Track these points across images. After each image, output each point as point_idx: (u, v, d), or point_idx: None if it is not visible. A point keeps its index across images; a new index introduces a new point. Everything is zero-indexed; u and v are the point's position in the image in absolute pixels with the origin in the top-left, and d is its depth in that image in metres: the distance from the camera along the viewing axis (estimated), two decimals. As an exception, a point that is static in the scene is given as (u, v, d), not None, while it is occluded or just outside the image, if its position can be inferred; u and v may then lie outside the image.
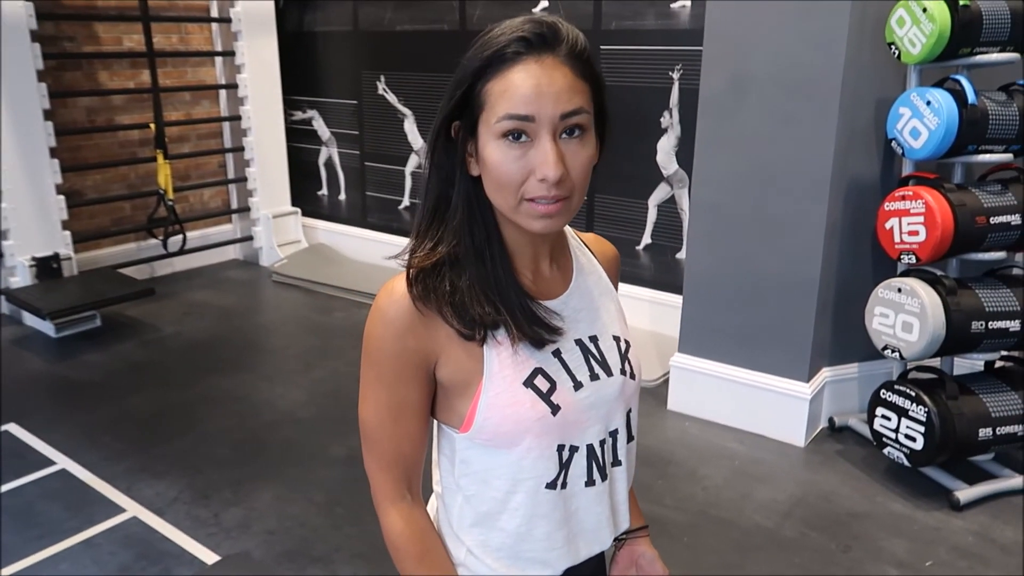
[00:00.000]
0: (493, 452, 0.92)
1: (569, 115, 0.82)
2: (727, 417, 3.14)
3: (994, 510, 2.57)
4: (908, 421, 2.59)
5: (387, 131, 4.94)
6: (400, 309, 0.87)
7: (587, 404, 0.93)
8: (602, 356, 0.96)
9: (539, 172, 0.82)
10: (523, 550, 0.95)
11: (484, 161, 0.84)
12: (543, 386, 0.90)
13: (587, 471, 0.95)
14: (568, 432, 0.92)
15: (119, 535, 2.47)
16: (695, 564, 2.32)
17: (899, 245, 2.63)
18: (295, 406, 3.33)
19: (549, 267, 0.96)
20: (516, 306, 0.89)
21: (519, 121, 0.81)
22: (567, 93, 0.82)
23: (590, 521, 0.98)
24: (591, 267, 1.02)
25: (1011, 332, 2.57)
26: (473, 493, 0.95)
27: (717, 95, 2.92)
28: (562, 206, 0.85)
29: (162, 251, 4.80)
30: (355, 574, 2.28)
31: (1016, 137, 2.57)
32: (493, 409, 0.89)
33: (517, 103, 0.81)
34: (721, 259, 3.05)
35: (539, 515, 0.94)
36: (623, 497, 1.02)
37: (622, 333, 1.01)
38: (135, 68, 4.75)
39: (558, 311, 0.93)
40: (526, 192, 0.83)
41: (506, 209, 0.86)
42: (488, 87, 0.82)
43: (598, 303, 0.99)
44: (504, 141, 0.82)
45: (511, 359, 0.89)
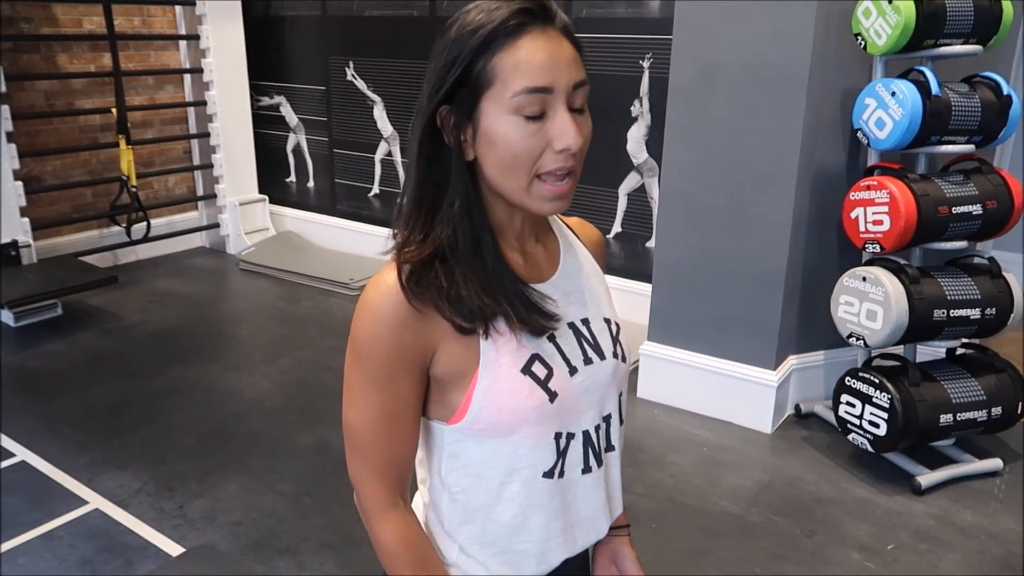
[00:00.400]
0: (487, 443, 0.89)
1: (579, 85, 0.81)
2: (696, 404, 3.17)
3: (954, 494, 2.63)
4: (872, 408, 2.63)
5: (356, 118, 4.89)
6: (394, 304, 0.83)
7: (582, 389, 0.91)
8: (595, 339, 0.94)
9: (559, 143, 0.80)
10: (518, 542, 0.93)
11: (493, 141, 0.81)
12: (540, 373, 0.87)
13: (584, 458, 0.93)
14: (565, 419, 0.90)
15: (80, 528, 2.42)
16: (663, 550, 2.34)
17: (864, 234, 2.66)
18: (262, 396, 3.29)
19: (535, 248, 0.93)
20: (513, 295, 0.86)
21: (538, 94, 0.79)
22: (574, 64, 0.81)
23: (588, 509, 0.96)
24: (577, 248, 1.00)
25: (972, 320, 2.62)
26: (463, 488, 0.92)
27: (686, 85, 2.93)
28: (571, 184, 0.84)
29: (125, 239, 4.71)
30: (323, 565, 2.26)
31: (978, 128, 2.61)
32: (490, 398, 0.86)
33: (534, 75, 0.78)
34: (690, 248, 3.07)
35: (535, 505, 0.91)
36: (617, 483, 1.01)
37: (612, 315, 0.99)
38: (96, 51, 4.64)
39: (550, 294, 0.90)
40: (541, 167, 0.81)
41: (515, 190, 0.83)
42: (495, 62, 0.79)
43: (587, 285, 0.97)
44: (519, 117, 0.79)
45: (508, 347, 0.86)
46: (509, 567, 0.94)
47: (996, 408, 2.64)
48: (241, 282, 4.77)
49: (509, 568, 0.94)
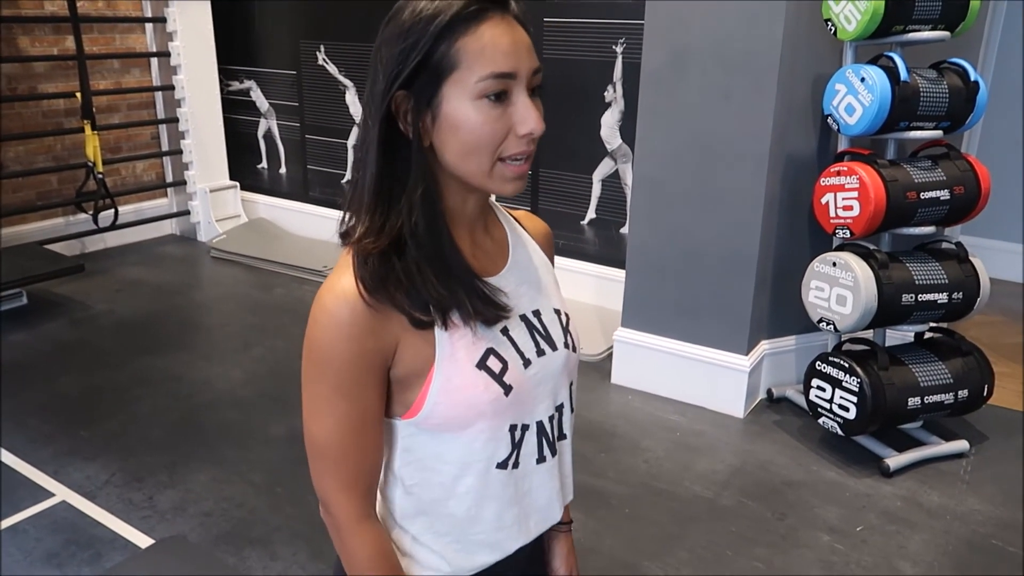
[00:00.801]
0: (441, 436, 0.88)
1: (538, 71, 0.82)
2: (669, 390, 3.19)
3: (921, 476, 2.67)
4: (841, 392, 2.66)
5: (328, 103, 4.82)
6: (353, 310, 0.81)
7: (536, 381, 0.91)
8: (546, 330, 0.94)
9: (523, 127, 0.80)
10: (472, 533, 0.93)
11: (455, 126, 0.80)
12: (495, 367, 0.87)
13: (538, 448, 0.94)
14: (520, 411, 0.90)
15: (47, 520, 2.38)
16: (635, 535, 2.36)
17: (834, 220, 2.68)
18: (233, 386, 3.25)
19: (484, 238, 0.93)
20: (467, 286, 0.85)
21: (503, 79, 0.79)
22: (531, 50, 0.82)
23: (543, 498, 0.97)
24: (524, 240, 1.00)
25: (939, 304, 2.66)
26: (416, 482, 0.91)
27: (658, 70, 2.92)
28: (529, 164, 0.84)
29: (92, 226, 4.62)
30: (295, 555, 2.24)
31: (946, 114, 2.63)
32: (444, 394, 0.85)
33: (499, 60, 0.78)
34: (662, 234, 3.07)
35: (489, 496, 0.91)
36: (569, 470, 1.02)
37: (561, 306, 1.00)
38: (59, 34, 4.53)
39: (501, 287, 0.90)
40: (504, 152, 0.81)
41: (476, 174, 0.82)
42: (459, 47, 0.78)
43: (536, 276, 0.97)
44: (484, 101, 0.79)
45: (462, 341, 0.85)
46: (464, 556, 0.94)
47: (963, 391, 2.68)
48: (212, 270, 4.71)
49: (464, 557, 0.94)
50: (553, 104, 3.84)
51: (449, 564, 0.94)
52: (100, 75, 4.76)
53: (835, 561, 2.26)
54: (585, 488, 2.57)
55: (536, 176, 4.03)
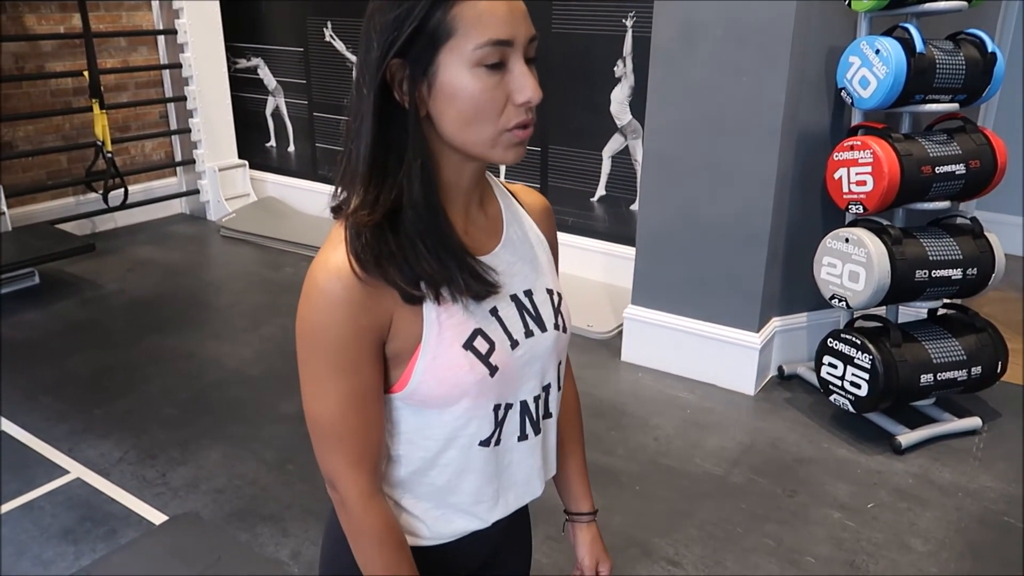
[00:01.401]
0: (425, 412, 0.88)
1: (534, 39, 0.80)
2: (679, 367, 3.18)
3: (933, 453, 2.66)
4: (853, 368, 2.64)
5: (335, 80, 4.79)
6: (346, 286, 0.79)
7: (523, 362, 0.91)
8: (536, 311, 0.93)
9: (520, 96, 0.78)
10: (450, 501, 0.93)
11: (452, 95, 0.78)
12: (482, 348, 0.86)
13: (520, 427, 0.94)
14: (505, 391, 0.90)
15: (62, 497, 2.41)
16: (645, 512, 2.36)
17: (847, 195, 2.65)
18: (243, 364, 3.26)
19: (478, 213, 0.91)
20: (459, 261, 0.84)
21: (500, 47, 0.77)
22: (528, 17, 0.80)
23: (522, 474, 0.97)
24: (520, 217, 0.98)
25: (953, 280, 2.63)
26: (401, 454, 0.92)
27: (668, 44, 2.88)
28: (531, 132, 0.82)
29: (102, 206, 4.62)
30: (306, 531, 2.26)
31: (962, 86, 2.58)
32: (430, 372, 0.84)
33: (497, 27, 0.76)
34: (673, 210, 3.04)
35: (469, 470, 0.92)
36: (552, 445, 1.02)
37: (555, 285, 0.98)
38: (65, 12, 4.50)
39: (493, 265, 0.88)
40: (506, 122, 0.79)
41: (478, 144, 0.80)
42: (455, 13, 0.75)
43: (531, 255, 0.96)
44: (481, 69, 0.77)
45: (450, 320, 0.84)
46: (443, 522, 0.95)
47: (976, 367, 2.66)
48: (222, 249, 4.71)
49: (443, 523, 0.95)
50: (562, 80, 3.80)
51: (428, 529, 0.94)
52: (107, 53, 4.74)
53: (845, 538, 2.25)
54: (595, 466, 2.57)
55: (545, 153, 4.00)
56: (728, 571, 2.13)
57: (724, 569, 2.13)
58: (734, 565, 2.15)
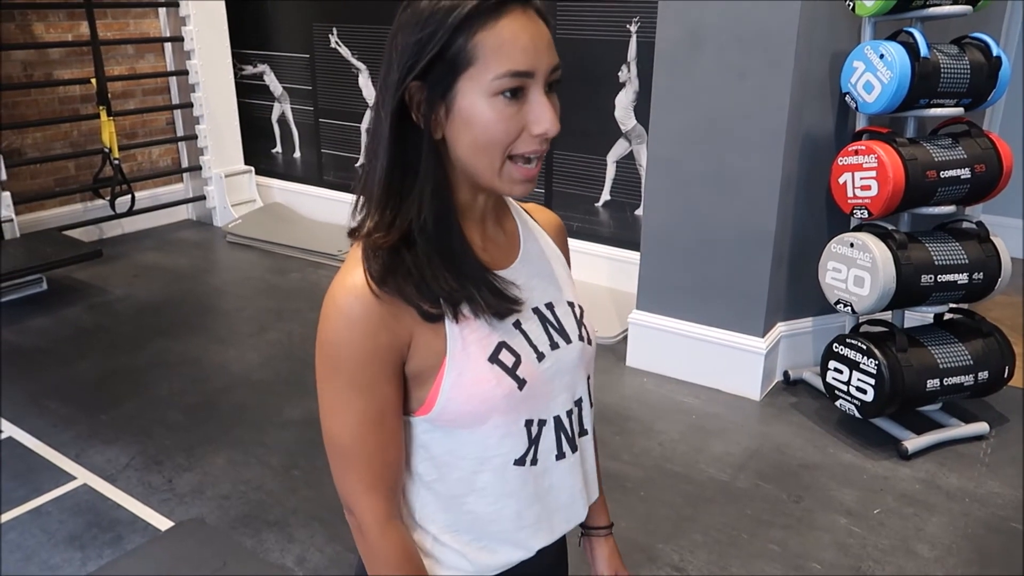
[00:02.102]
0: (456, 433, 0.87)
1: (556, 68, 0.80)
2: (685, 372, 3.17)
3: (940, 458, 2.64)
4: (859, 374, 2.63)
5: (341, 86, 4.81)
6: (365, 305, 0.79)
7: (551, 374, 0.90)
8: (560, 323, 0.93)
9: (537, 127, 0.78)
10: (493, 531, 0.91)
11: (468, 121, 0.78)
12: (508, 360, 0.85)
13: (556, 444, 0.92)
14: (535, 406, 0.89)
15: (69, 503, 2.42)
16: (650, 517, 2.36)
17: (852, 200, 2.64)
18: (249, 369, 3.27)
19: (495, 230, 0.91)
20: (478, 279, 0.84)
21: (520, 78, 0.77)
22: (551, 46, 0.79)
23: (564, 496, 0.95)
24: (536, 233, 0.98)
25: (959, 285, 2.62)
26: (435, 479, 0.90)
27: (673, 48, 2.88)
28: (539, 167, 0.82)
29: (110, 212, 4.65)
30: (312, 537, 2.26)
31: (967, 91, 2.58)
32: (457, 389, 0.83)
33: (517, 58, 0.76)
34: (677, 215, 3.04)
35: (507, 494, 0.90)
36: (592, 466, 1.00)
37: (575, 298, 0.98)
38: (73, 20, 4.54)
39: (512, 280, 0.88)
40: (515, 149, 0.79)
41: (487, 172, 0.80)
42: (476, 41, 0.75)
43: (549, 269, 0.96)
44: (500, 98, 0.77)
45: (474, 335, 0.84)
46: (487, 554, 0.92)
47: (983, 372, 2.65)
48: (228, 255, 4.73)
49: (487, 555, 0.92)
50: (567, 85, 3.79)
51: (472, 564, 0.92)
52: (115, 61, 4.77)
53: (851, 544, 2.24)
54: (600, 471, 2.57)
55: (550, 158, 4.00)
56: (733, 577, 2.12)
57: (729, 575, 2.13)
58: (739, 571, 2.14)
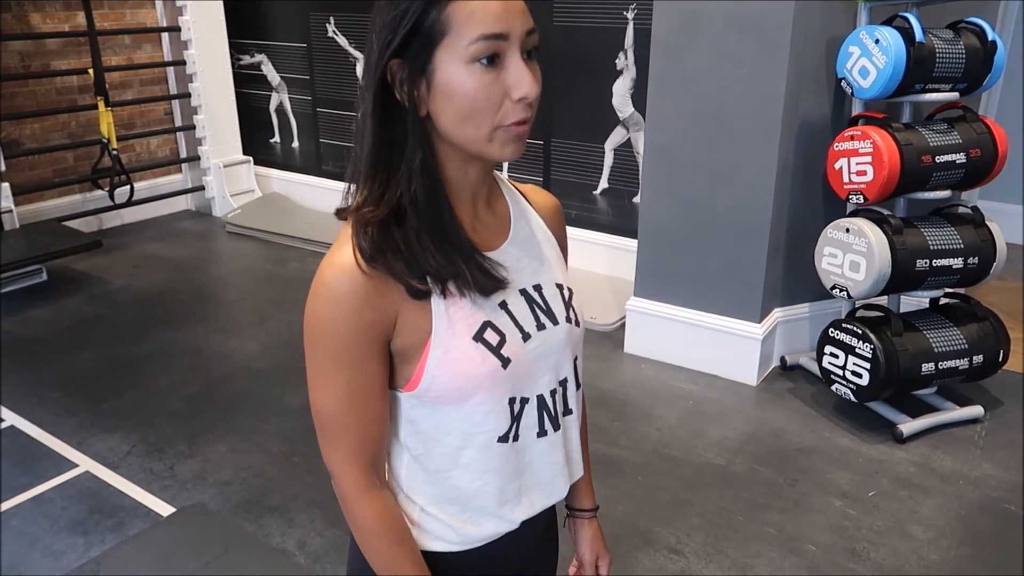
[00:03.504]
0: (441, 409, 0.89)
1: (532, 32, 0.80)
2: (682, 358, 3.19)
3: (935, 441, 2.67)
4: (854, 358, 2.65)
5: (339, 75, 4.81)
6: (352, 282, 0.81)
7: (536, 355, 0.91)
8: (547, 305, 0.94)
9: (517, 91, 0.78)
10: (476, 504, 0.94)
11: (449, 92, 0.79)
12: (493, 339, 0.87)
13: (539, 422, 0.94)
14: (519, 384, 0.90)
15: (71, 490, 2.44)
16: (647, 501, 2.38)
17: (848, 185, 2.65)
18: (249, 358, 3.29)
19: (486, 211, 0.92)
20: (466, 256, 0.85)
21: (495, 40, 0.77)
22: (525, 11, 0.80)
23: (544, 472, 0.97)
24: (528, 215, 0.99)
25: (954, 269, 2.63)
26: (421, 452, 0.93)
27: (669, 35, 2.88)
28: (528, 128, 0.83)
29: (109, 203, 4.66)
30: (312, 522, 2.29)
31: (962, 75, 2.58)
32: (443, 366, 0.85)
33: (489, 22, 0.76)
34: (674, 202, 3.05)
35: (491, 470, 0.92)
36: (576, 445, 1.02)
37: (564, 280, 0.99)
38: (69, 10, 4.53)
39: (501, 261, 0.90)
40: (503, 119, 0.80)
41: (476, 140, 0.81)
42: (448, 11, 0.77)
43: (538, 251, 0.97)
44: (477, 66, 0.77)
45: (459, 313, 0.85)
46: (471, 526, 0.95)
47: (977, 356, 2.67)
48: (227, 245, 4.74)
49: (472, 527, 0.95)
50: (564, 73, 3.81)
51: (458, 534, 0.95)
52: (112, 51, 4.77)
53: (847, 525, 2.27)
54: (598, 456, 2.59)
55: (548, 145, 4.01)
56: (729, 559, 2.15)
57: (725, 557, 2.15)
58: (735, 553, 2.16)
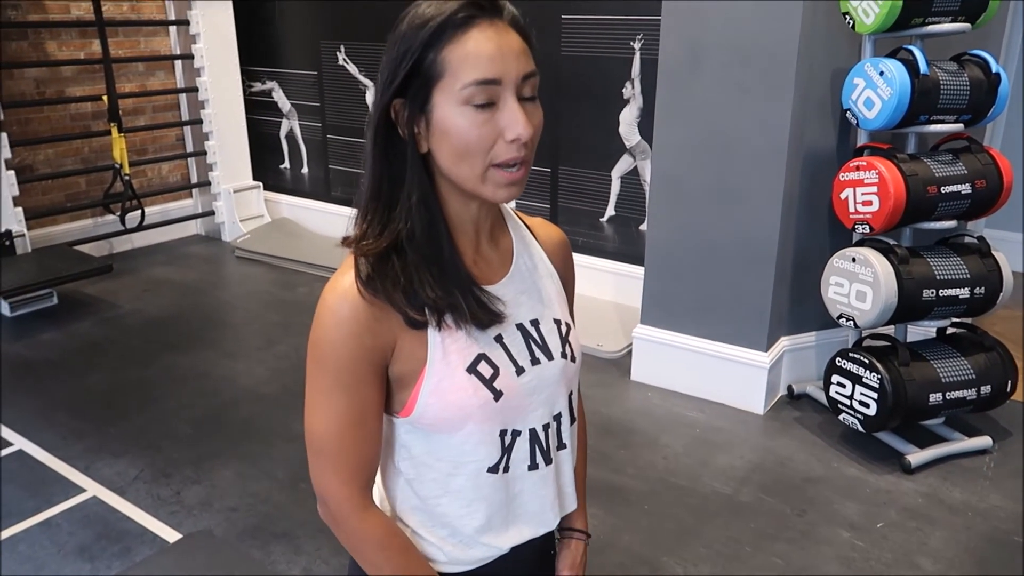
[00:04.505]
0: (434, 436, 0.91)
1: (529, 76, 0.82)
2: (689, 387, 3.19)
3: (943, 472, 2.65)
4: (862, 388, 2.65)
5: (349, 103, 4.87)
6: (353, 307, 0.84)
7: (529, 389, 0.93)
8: (543, 340, 0.96)
9: (510, 133, 0.81)
10: (464, 530, 0.96)
11: (446, 131, 0.82)
12: (486, 372, 0.89)
13: (530, 455, 0.95)
14: (510, 417, 0.92)
15: (78, 515, 2.44)
16: (654, 530, 2.37)
17: (854, 215, 2.67)
18: (257, 383, 3.30)
19: (489, 247, 0.94)
20: (464, 290, 0.87)
21: (487, 86, 0.80)
22: (523, 55, 0.82)
23: (534, 504, 0.98)
24: (532, 249, 1.01)
25: (961, 299, 2.63)
26: (414, 476, 0.95)
27: (675, 65, 2.92)
28: (524, 172, 0.85)
29: (120, 227, 4.70)
30: (318, 549, 2.28)
31: (967, 107, 2.61)
32: (435, 396, 0.88)
33: (483, 67, 0.79)
34: (681, 230, 3.07)
35: (480, 498, 0.94)
36: (569, 479, 1.03)
37: (563, 316, 1.00)
38: (85, 38, 4.61)
39: (500, 295, 0.92)
40: (495, 157, 0.82)
41: (470, 179, 0.84)
42: (445, 55, 0.80)
43: (538, 286, 0.98)
44: (469, 107, 0.80)
45: (455, 345, 0.88)
46: (461, 549, 0.97)
47: (985, 387, 2.66)
48: (236, 269, 4.77)
49: (462, 550, 0.97)
50: (572, 101, 3.85)
51: (447, 556, 0.97)
52: (126, 78, 4.84)
53: (855, 557, 2.25)
54: (604, 484, 2.59)
55: (555, 173, 4.04)
56: (737, 590, 2.13)
57: (733, 588, 2.14)
58: (743, 584, 2.15)
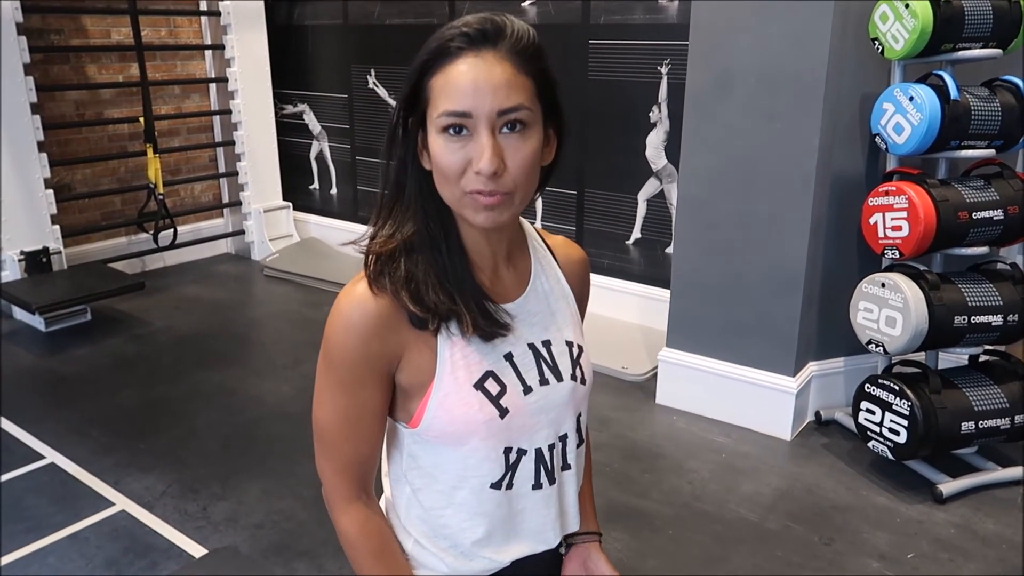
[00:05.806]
0: (439, 449, 0.93)
1: (507, 111, 0.82)
2: (715, 411, 3.16)
3: (976, 503, 2.60)
4: (892, 415, 2.61)
5: (378, 125, 4.94)
6: (364, 313, 0.87)
7: (535, 408, 0.94)
8: (553, 361, 0.97)
9: (475, 165, 0.82)
10: (466, 543, 0.97)
11: (432, 153, 0.86)
12: (493, 389, 0.91)
13: (535, 475, 0.96)
14: (515, 435, 0.94)
15: (107, 529, 2.48)
16: (678, 557, 2.34)
17: (883, 240, 2.65)
18: (284, 400, 3.33)
19: (507, 268, 0.96)
20: (469, 298, 0.90)
21: (458, 117, 0.82)
22: (505, 89, 0.82)
23: (535, 523, 0.99)
24: (550, 271, 1.02)
25: (994, 326, 2.59)
26: (420, 487, 0.97)
27: (703, 90, 2.93)
28: (503, 200, 0.84)
29: (153, 245, 4.79)
30: (341, 568, 2.29)
31: (998, 133, 2.58)
32: (442, 409, 0.90)
33: (455, 99, 0.82)
34: (708, 254, 3.06)
35: (482, 513, 0.95)
36: (573, 500, 1.03)
37: (575, 338, 1.02)
38: (124, 62, 4.74)
39: (513, 314, 0.94)
40: (466, 185, 0.84)
41: (452, 202, 0.87)
42: (432, 82, 0.84)
43: (553, 307, 1.00)
44: (445, 135, 0.83)
45: (463, 360, 0.90)
46: (462, 560, 0.98)
47: (1020, 416, 2.61)
48: (265, 288, 4.84)
49: (463, 561, 0.98)
50: (599, 125, 3.88)
51: (449, 568, 0.98)
52: (162, 100, 4.96)
53: (884, 588, 2.21)
54: (628, 509, 2.57)
55: (581, 196, 4.06)
56: (763, 619, 2.10)
57: (759, 617, 2.11)
58: (769, 613, 2.12)
